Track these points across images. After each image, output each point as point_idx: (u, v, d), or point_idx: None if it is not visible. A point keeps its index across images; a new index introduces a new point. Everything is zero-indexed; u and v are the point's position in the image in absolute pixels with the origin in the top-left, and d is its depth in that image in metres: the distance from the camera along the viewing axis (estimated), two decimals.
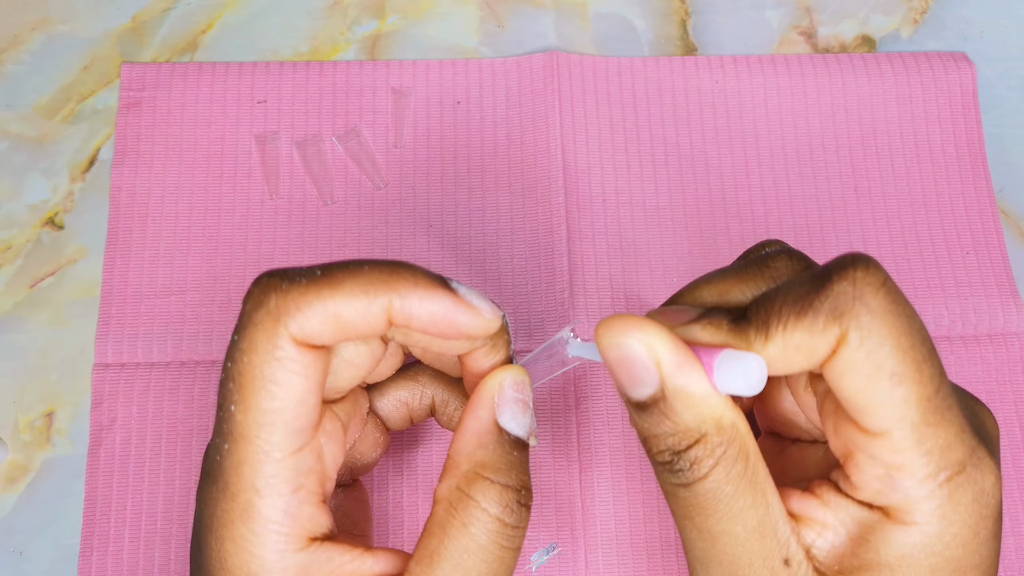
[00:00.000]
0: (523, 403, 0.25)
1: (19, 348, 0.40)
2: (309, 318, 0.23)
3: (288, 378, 0.23)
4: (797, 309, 0.21)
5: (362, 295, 0.23)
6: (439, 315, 0.24)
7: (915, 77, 0.46)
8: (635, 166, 0.44)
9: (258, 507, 0.23)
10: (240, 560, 0.23)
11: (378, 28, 0.46)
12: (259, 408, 0.23)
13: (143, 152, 0.43)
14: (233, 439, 0.23)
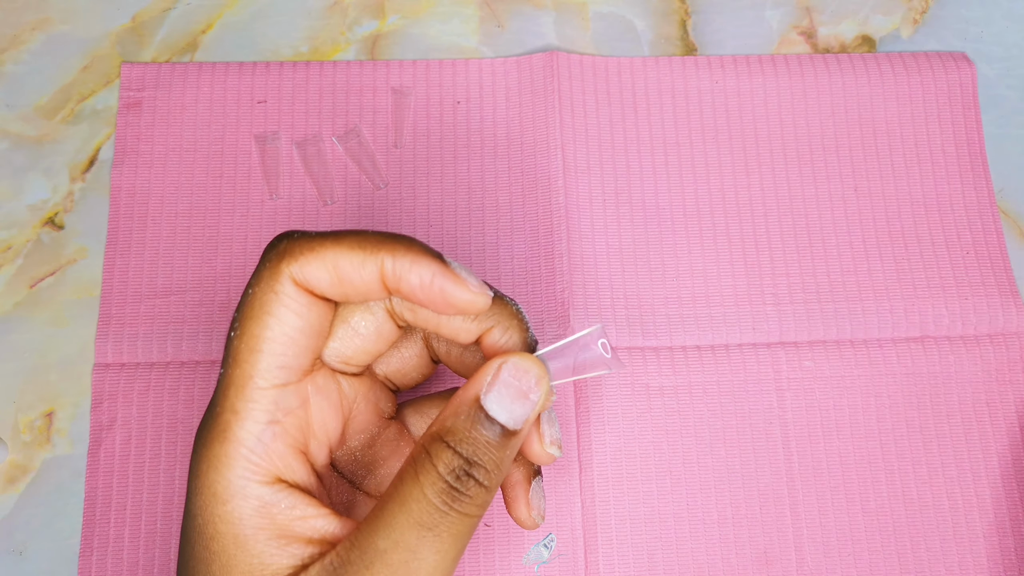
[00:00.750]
0: (518, 390, 0.25)
1: (19, 348, 0.40)
2: (310, 261, 0.25)
3: (283, 312, 0.25)
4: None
5: (359, 250, 0.25)
6: (427, 280, 0.25)
7: (915, 77, 0.46)
8: (635, 166, 0.44)
9: (233, 428, 0.25)
10: (210, 479, 0.25)
11: (378, 28, 0.46)
12: (252, 335, 0.25)
13: (143, 152, 0.43)
14: (227, 364, 0.25)
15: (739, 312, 0.41)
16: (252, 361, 0.25)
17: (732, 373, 0.40)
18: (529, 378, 0.25)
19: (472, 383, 0.25)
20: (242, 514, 0.24)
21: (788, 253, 0.43)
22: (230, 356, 0.25)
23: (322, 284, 0.25)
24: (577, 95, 0.44)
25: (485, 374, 0.25)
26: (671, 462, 0.39)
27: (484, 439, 0.25)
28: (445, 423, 0.25)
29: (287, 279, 0.25)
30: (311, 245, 0.25)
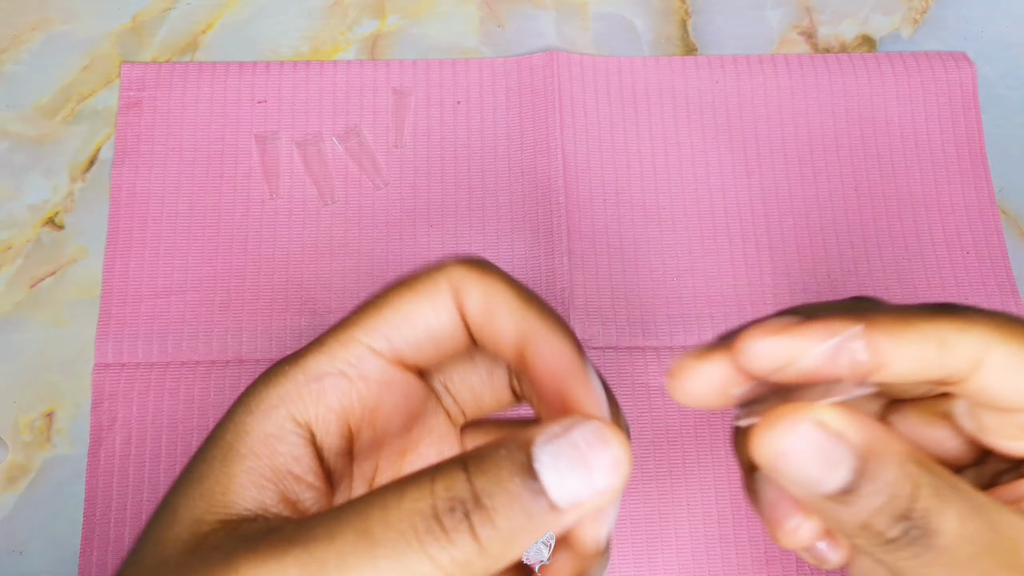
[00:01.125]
0: (583, 462, 0.19)
1: (19, 348, 0.40)
2: (474, 289, 0.23)
3: (431, 304, 0.23)
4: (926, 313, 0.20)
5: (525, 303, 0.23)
6: (558, 360, 0.22)
7: (915, 77, 0.46)
8: (635, 166, 0.44)
9: (307, 355, 0.23)
10: (254, 388, 0.23)
11: (378, 28, 0.46)
12: (388, 300, 0.23)
13: (143, 152, 0.43)
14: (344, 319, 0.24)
15: (739, 312, 0.41)
16: (369, 317, 0.23)
17: None
18: (605, 456, 0.19)
19: (535, 425, 0.20)
20: (250, 430, 0.22)
21: (788, 253, 0.43)
22: (352, 313, 0.24)
23: (475, 310, 0.23)
24: (577, 95, 0.44)
25: (555, 423, 0.20)
26: (671, 462, 0.39)
27: (514, 490, 0.19)
28: (479, 449, 0.20)
29: (446, 283, 0.23)
30: (485, 272, 0.23)
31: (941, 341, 0.20)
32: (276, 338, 0.40)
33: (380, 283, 0.41)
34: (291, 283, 0.41)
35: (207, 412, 0.39)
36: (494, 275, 0.23)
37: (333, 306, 0.41)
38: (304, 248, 0.41)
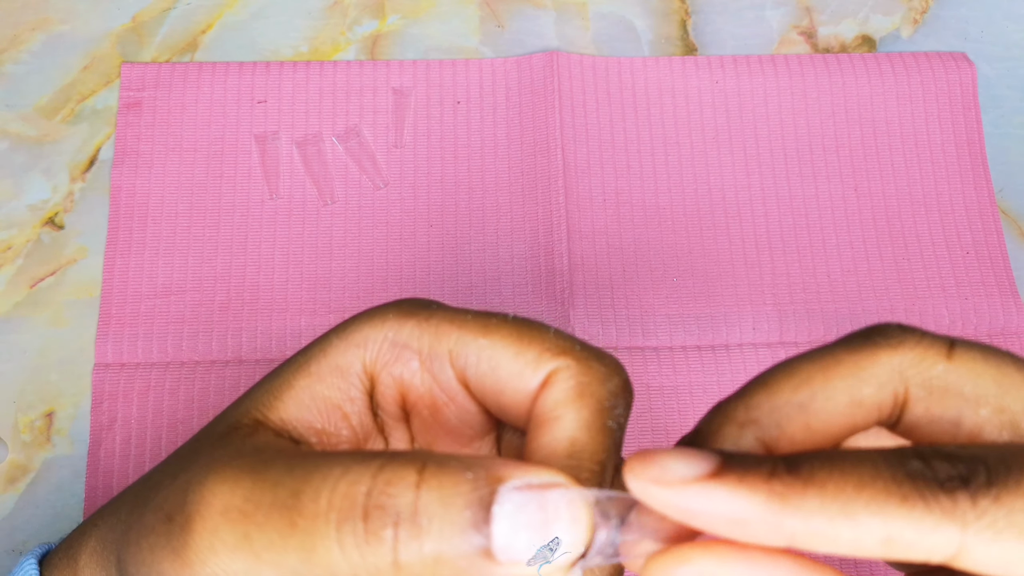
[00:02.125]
0: (542, 523, 0.18)
1: (19, 348, 0.40)
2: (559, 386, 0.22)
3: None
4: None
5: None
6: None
7: (915, 77, 0.46)
8: (635, 166, 0.44)
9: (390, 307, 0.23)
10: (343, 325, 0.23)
11: (378, 28, 0.46)
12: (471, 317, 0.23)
13: (143, 152, 0.43)
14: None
15: (739, 312, 0.41)
16: (470, 330, 0.22)
17: (732, 373, 0.40)
18: (569, 535, 0.18)
19: (514, 464, 0.18)
20: (328, 354, 0.23)
21: (788, 253, 0.43)
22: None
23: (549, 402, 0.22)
24: (577, 95, 0.44)
25: (536, 471, 0.18)
26: None
27: (459, 523, 0.17)
28: (446, 457, 0.18)
29: (546, 368, 0.22)
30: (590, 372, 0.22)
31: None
32: (276, 338, 0.40)
33: (380, 283, 0.41)
34: (291, 283, 0.41)
35: (207, 412, 0.39)
36: (585, 402, 0.21)
37: (333, 306, 0.41)
38: (304, 248, 0.41)
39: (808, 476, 0.16)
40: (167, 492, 0.21)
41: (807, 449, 0.19)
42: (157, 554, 0.20)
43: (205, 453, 0.21)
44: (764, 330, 0.41)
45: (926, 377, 0.19)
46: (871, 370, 0.19)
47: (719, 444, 0.20)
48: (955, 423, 0.19)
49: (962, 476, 0.16)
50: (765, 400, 0.20)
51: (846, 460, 0.17)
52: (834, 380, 0.19)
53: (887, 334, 0.20)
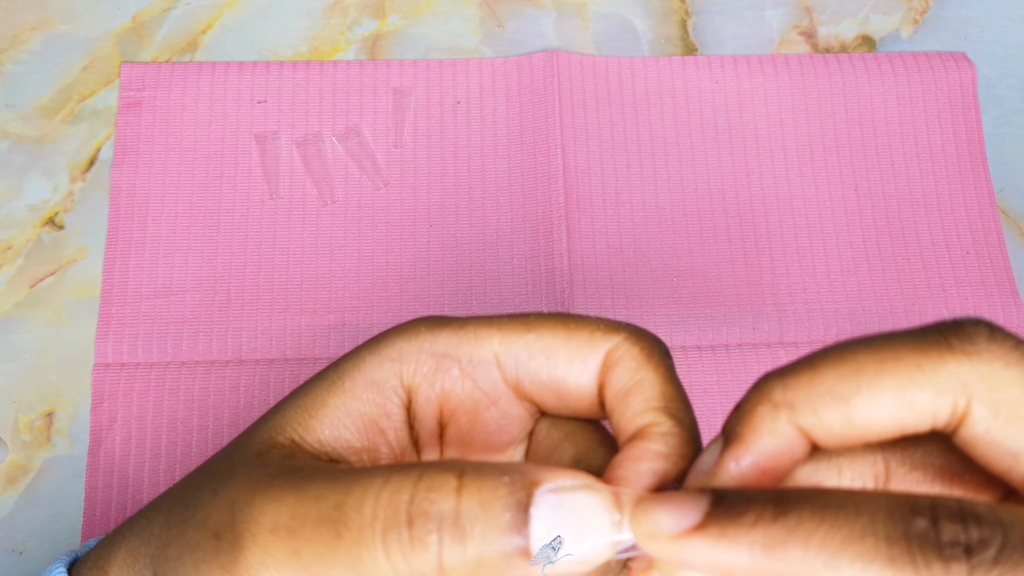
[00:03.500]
0: (580, 525, 0.18)
1: (19, 348, 0.40)
2: (621, 371, 0.23)
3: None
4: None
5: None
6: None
7: (915, 77, 0.46)
8: (635, 166, 0.44)
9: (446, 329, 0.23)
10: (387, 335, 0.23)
11: (378, 28, 0.46)
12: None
13: (143, 152, 0.43)
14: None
15: (739, 312, 0.41)
16: (515, 332, 0.23)
17: (732, 373, 0.40)
18: (600, 533, 0.18)
19: (551, 468, 0.19)
20: (362, 370, 0.23)
21: (788, 253, 0.43)
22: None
23: (613, 390, 0.22)
24: (577, 95, 0.44)
25: (569, 475, 0.19)
26: None
27: (500, 525, 0.18)
28: (483, 464, 0.19)
29: (603, 350, 0.22)
30: (650, 357, 0.22)
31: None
32: (276, 338, 0.40)
33: (380, 283, 0.41)
34: (291, 283, 0.41)
35: (207, 412, 0.39)
36: (656, 363, 0.22)
37: (333, 306, 0.41)
38: (304, 248, 0.41)
39: (795, 525, 0.16)
40: (210, 509, 0.21)
41: (845, 443, 0.19)
42: (203, 569, 0.20)
43: (243, 472, 0.21)
44: (764, 330, 0.41)
45: (996, 398, 0.17)
46: (931, 374, 0.17)
47: (751, 426, 0.19)
48: (1015, 456, 0.18)
49: (968, 545, 0.15)
50: (806, 383, 0.19)
51: (843, 508, 0.16)
52: (886, 377, 0.18)
53: (969, 337, 0.18)
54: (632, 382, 0.22)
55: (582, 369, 0.22)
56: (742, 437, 0.19)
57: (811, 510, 0.16)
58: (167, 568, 0.22)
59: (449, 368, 0.23)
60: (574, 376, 0.22)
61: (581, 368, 0.22)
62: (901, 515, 0.16)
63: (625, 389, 0.22)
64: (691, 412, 0.22)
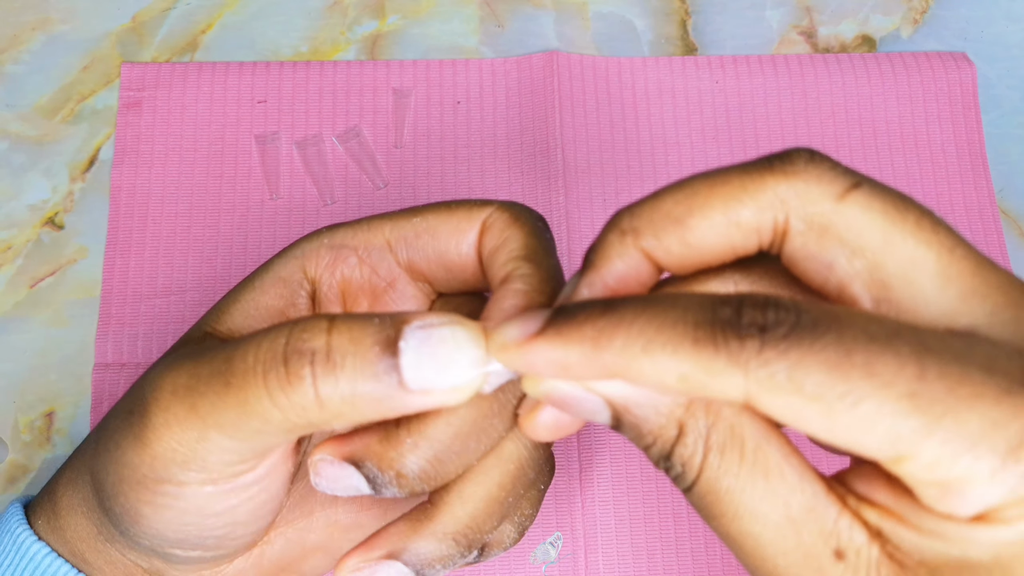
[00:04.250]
0: (445, 358, 0.20)
1: (19, 348, 0.40)
2: (492, 236, 0.26)
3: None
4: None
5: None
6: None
7: (915, 77, 0.46)
8: (635, 166, 0.44)
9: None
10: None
11: (378, 28, 0.46)
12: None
13: (143, 152, 0.43)
14: None
15: None
16: (403, 221, 0.26)
17: None
18: (465, 357, 0.20)
19: (417, 311, 0.21)
20: (270, 269, 0.26)
21: None
22: None
23: (487, 251, 0.25)
24: (577, 95, 0.44)
25: (438, 314, 0.20)
26: None
27: (369, 357, 0.20)
28: (356, 313, 0.21)
29: (479, 222, 0.25)
30: (516, 222, 0.25)
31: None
32: None
33: None
34: None
35: None
36: (521, 223, 0.24)
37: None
38: None
39: (619, 317, 0.18)
40: (128, 399, 0.24)
41: (686, 264, 0.20)
42: (123, 446, 0.22)
43: (159, 363, 0.24)
44: None
45: (809, 212, 0.19)
46: (754, 193, 0.19)
47: (602, 251, 0.21)
48: (828, 267, 0.19)
49: (762, 325, 0.17)
50: (648, 210, 0.21)
51: (660, 303, 0.18)
52: (715, 198, 0.20)
53: (790, 159, 0.19)
54: (500, 240, 0.24)
55: (461, 240, 0.25)
56: (593, 263, 0.21)
57: (634, 306, 0.18)
58: (98, 462, 0.24)
59: (347, 257, 0.25)
60: (455, 247, 0.25)
61: (460, 239, 0.25)
62: (711, 305, 0.17)
63: (494, 247, 0.24)
64: (552, 259, 0.24)
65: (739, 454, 0.18)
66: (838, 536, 0.18)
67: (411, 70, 0.45)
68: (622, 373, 0.18)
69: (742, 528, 0.18)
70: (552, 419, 0.21)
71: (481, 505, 0.23)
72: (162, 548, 0.24)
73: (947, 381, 0.16)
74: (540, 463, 0.24)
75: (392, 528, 0.24)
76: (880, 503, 0.18)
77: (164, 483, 0.22)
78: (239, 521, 0.24)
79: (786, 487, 0.18)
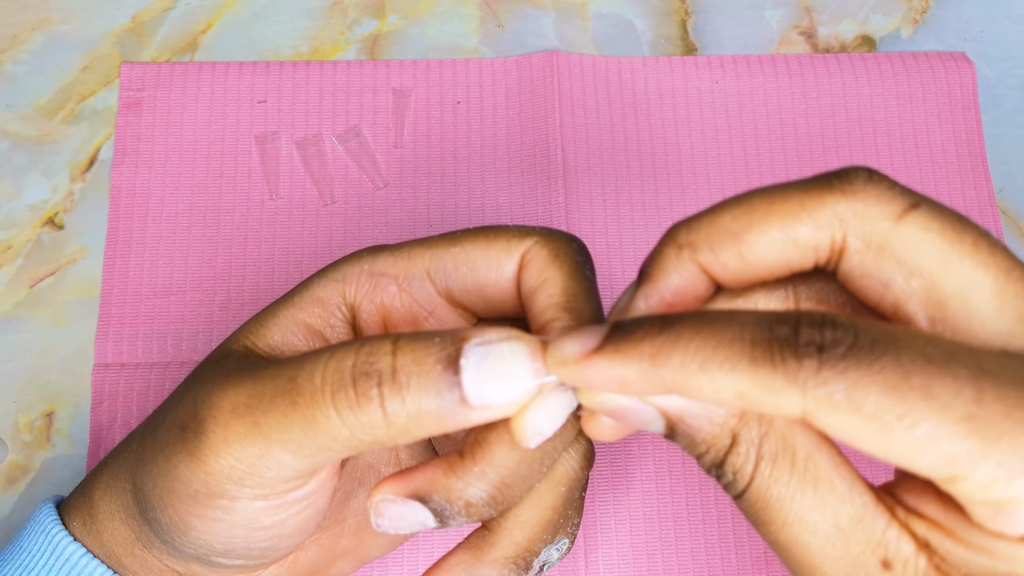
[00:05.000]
0: (508, 374, 0.20)
1: (19, 348, 0.40)
2: (532, 271, 0.25)
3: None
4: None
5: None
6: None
7: (915, 77, 0.46)
8: (635, 166, 0.44)
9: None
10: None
11: (378, 28, 0.46)
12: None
13: (143, 152, 0.43)
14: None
15: None
16: (441, 249, 0.25)
17: None
18: (524, 371, 0.20)
19: (477, 327, 0.21)
20: (310, 288, 0.26)
21: None
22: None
23: (527, 288, 0.25)
24: (577, 95, 0.44)
25: (496, 330, 0.21)
26: (671, 462, 0.39)
27: (433, 376, 0.20)
28: (417, 332, 0.21)
29: (518, 253, 0.25)
30: (557, 257, 0.24)
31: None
32: None
33: None
34: (291, 283, 0.41)
35: None
36: (561, 262, 0.24)
37: None
38: (304, 248, 0.41)
39: (676, 335, 0.18)
40: (176, 411, 0.24)
41: (742, 279, 0.21)
42: (173, 460, 0.23)
43: (203, 376, 0.24)
44: None
45: (867, 232, 0.19)
46: (812, 211, 0.19)
47: (658, 266, 0.21)
48: (885, 285, 0.19)
49: (820, 344, 0.17)
50: (706, 225, 0.21)
51: (717, 321, 0.18)
52: (774, 215, 0.20)
53: (848, 178, 0.20)
54: (539, 281, 0.24)
55: (500, 273, 0.25)
56: (650, 276, 0.21)
57: (691, 323, 0.18)
58: (143, 473, 0.24)
59: (387, 285, 0.25)
60: (493, 281, 0.25)
61: (499, 273, 0.25)
62: (768, 323, 0.18)
63: (533, 288, 0.24)
64: (592, 303, 0.24)
65: (790, 463, 0.19)
66: (886, 546, 0.18)
67: (411, 70, 0.45)
68: (680, 389, 0.18)
69: (791, 536, 0.19)
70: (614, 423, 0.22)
71: (538, 529, 0.24)
72: (207, 557, 0.24)
73: (1004, 404, 0.16)
74: (586, 481, 0.25)
75: (454, 558, 0.24)
76: (929, 516, 0.19)
77: (217, 497, 0.22)
78: (285, 534, 0.24)
79: (836, 497, 0.19)
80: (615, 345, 0.19)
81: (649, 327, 0.19)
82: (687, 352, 0.18)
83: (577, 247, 0.25)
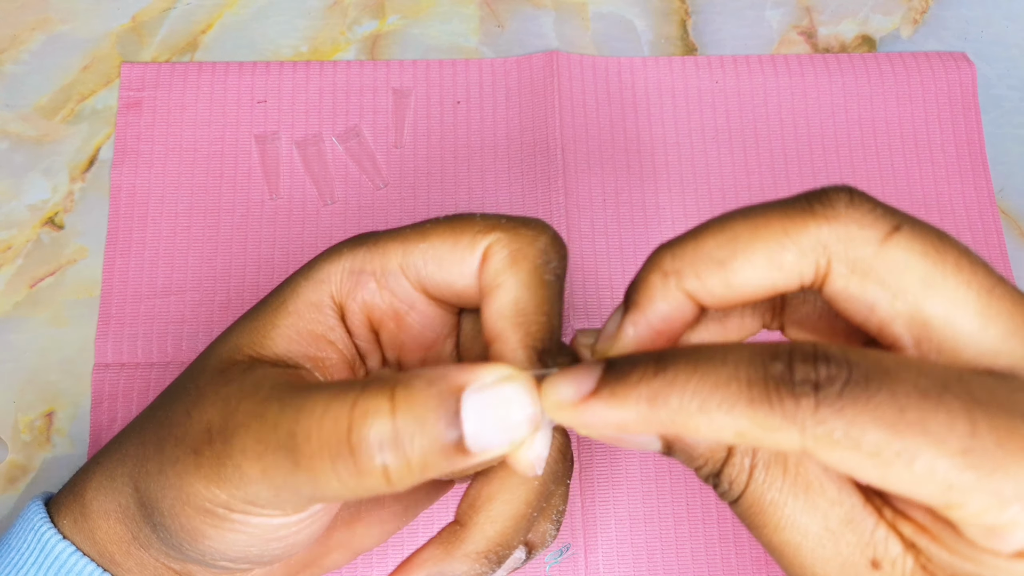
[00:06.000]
0: (510, 422, 0.20)
1: (19, 348, 0.40)
2: (493, 264, 0.25)
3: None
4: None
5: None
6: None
7: (915, 77, 0.46)
8: (635, 166, 0.44)
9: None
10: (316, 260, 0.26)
11: (378, 28, 0.46)
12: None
13: (143, 152, 0.43)
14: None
15: None
16: (411, 243, 0.25)
17: None
18: (524, 414, 0.20)
19: (467, 367, 0.20)
20: (301, 294, 0.25)
21: None
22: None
23: (487, 281, 0.24)
24: (577, 95, 0.44)
25: (487, 369, 0.20)
26: (671, 462, 0.39)
27: (437, 435, 0.20)
28: (410, 379, 0.20)
29: (481, 248, 0.24)
30: (519, 253, 0.24)
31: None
32: None
33: None
34: None
35: None
36: (519, 266, 0.23)
37: None
38: (304, 248, 0.41)
39: (672, 378, 0.18)
40: (186, 429, 0.23)
41: (728, 303, 0.21)
42: (187, 479, 0.23)
43: (211, 392, 0.23)
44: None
45: (851, 257, 0.19)
46: (796, 238, 0.19)
47: (644, 293, 0.21)
48: (870, 307, 0.20)
49: (815, 382, 0.17)
50: (691, 252, 0.21)
51: (711, 360, 0.18)
52: (758, 242, 0.20)
53: (830, 202, 0.20)
54: (493, 284, 0.23)
55: (463, 270, 0.24)
56: (637, 303, 0.21)
57: (686, 363, 0.18)
58: (148, 481, 0.24)
59: (366, 283, 0.25)
60: (459, 277, 0.24)
61: (463, 269, 0.24)
62: (762, 360, 0.18)
63: (488, 289, 0.24)
64: (544, 316, 0.23)
65: (782, 470, 0.20)
66: (875, 547, 0.19)
67: (411, 70, 0.45)
68: (679, 430, 0.18)
69: (783, 538, 0.20)
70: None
71: (510, 523, 0.24)
72: (214, 562, 0.24)
73: (996, 434, 0.17)
74: (560, 475, 0.25)
75: (425, 553, 0.25)
76: (916, 519, 0.19)
77: (236, 513, 0.22)
78: (298, 543, 0.24)
79: (826, 500, 0.20)
80: (611, 388, 0.19)
81: (644, 369, 0.18)
82: (684, 394, 0.18)
83: (544, 244, 0.24)
